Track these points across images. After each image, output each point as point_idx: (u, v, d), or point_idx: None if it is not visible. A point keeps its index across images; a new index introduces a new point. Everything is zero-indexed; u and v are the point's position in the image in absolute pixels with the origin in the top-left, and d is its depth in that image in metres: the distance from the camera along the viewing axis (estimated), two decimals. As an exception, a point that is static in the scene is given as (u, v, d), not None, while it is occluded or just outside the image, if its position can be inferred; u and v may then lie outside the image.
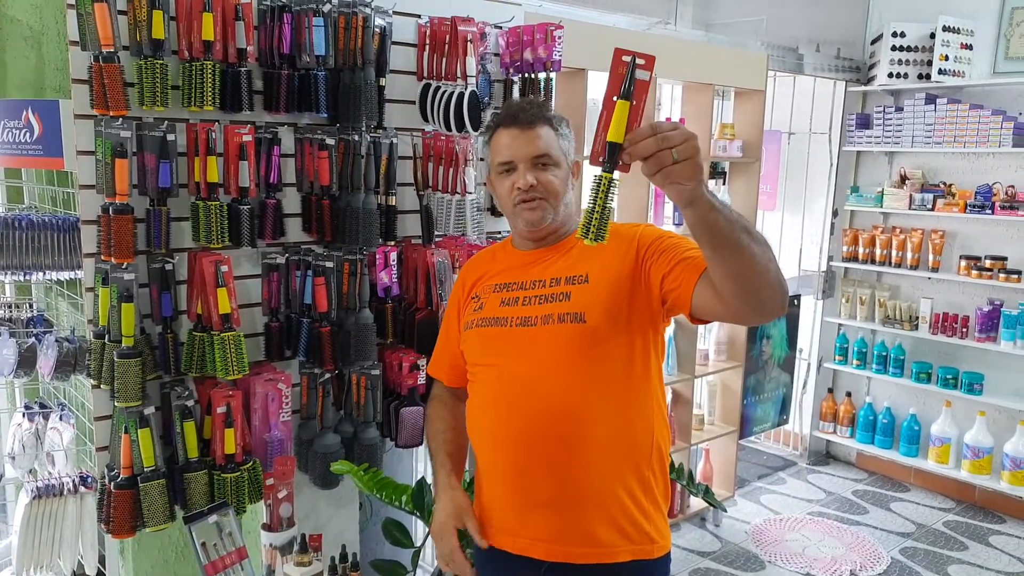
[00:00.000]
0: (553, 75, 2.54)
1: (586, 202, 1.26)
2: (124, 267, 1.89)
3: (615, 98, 1.25)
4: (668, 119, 3.58)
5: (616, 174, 1.24)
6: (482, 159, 1.90)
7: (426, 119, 2.39)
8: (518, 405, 1.57)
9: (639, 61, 1.27)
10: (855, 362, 4.78)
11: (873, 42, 4.61)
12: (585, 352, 1.53)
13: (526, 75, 2.51)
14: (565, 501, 1.55)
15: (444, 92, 2.33)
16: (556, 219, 1.64)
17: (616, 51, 1.29)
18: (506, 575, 1.64)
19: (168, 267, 2.00)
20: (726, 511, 4.14)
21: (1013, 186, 4.13)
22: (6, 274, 2.38)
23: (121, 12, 1.86)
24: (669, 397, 3.86)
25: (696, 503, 4.12)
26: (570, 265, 1.61)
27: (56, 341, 2.35)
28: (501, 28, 2.53)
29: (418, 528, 2.64)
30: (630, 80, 1.26)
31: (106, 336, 1.94)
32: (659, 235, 1.58)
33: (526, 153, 1.60)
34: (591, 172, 1.30)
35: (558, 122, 1.66)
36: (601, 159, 1.24)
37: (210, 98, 1.95)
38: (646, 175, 1.22)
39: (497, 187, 1.67)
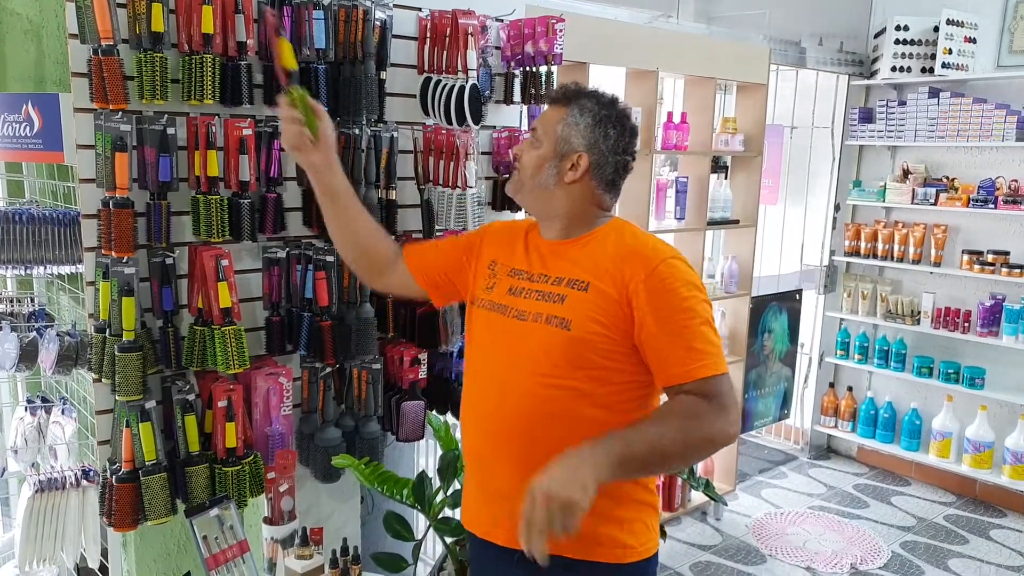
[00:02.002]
0: (554, 68, 2.53)
1: None
2: (125, 261, 1.89)
3: (277, 37, 1.67)
4: (670, 114, 3.56)
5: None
6: (486, 151, 1.90)
7: (427, 113, 2.38)
8: (492, 397, 1.60)
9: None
10: (857, 356, 4.78)
11: (876, 36, 4.59)
12: (563, 359, 1.52)
13: (527, 68, 2.51)
14: (519, 495, 1.53)
15: (445, 86, 2.32)
16: (530, 200, 1.66)
17: (267, 10, 1.90)
18: (485, 561, 1.71)
19: (169, 261, 1.99)
20: (727, 504, 4.14)
21: (1016, 180, 4.12)
22: (7, 268, 2.38)
23: (120, 5, 1.86)
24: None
25: (697, 497, 4.12)
26: (578, 267, 1.58)
27: (57, 335, 2.35)
28: (502, 21, 2.52)
29: (419, 521, 2.64)
30: (280, 25, 1.76)
31: (107, 330, 1.94)
32: (664, 313, 1.49)
33: (535, 125, 1.65)
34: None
35: (583, 110, 1.59)
36: (287, 81, 1.63)
37: (210, 92, 1.94)
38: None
39: None
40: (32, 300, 2.63)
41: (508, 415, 1.57)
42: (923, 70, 4.37)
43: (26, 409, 2.52)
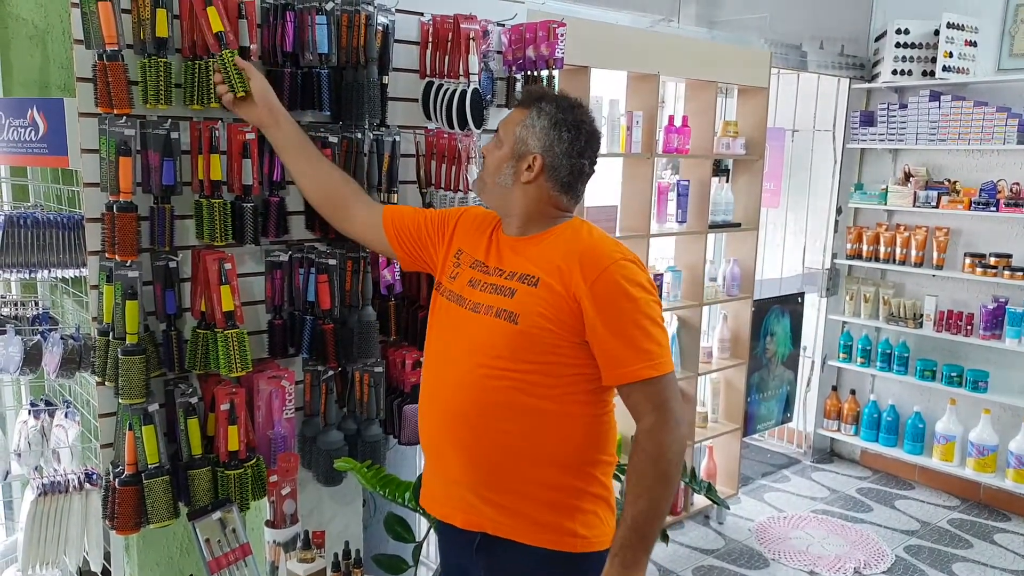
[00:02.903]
0: (556, 73, 2.54)
1: None
2: (128, 265, 1.90)
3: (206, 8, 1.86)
4: (671, 118, 3.58)
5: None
6: None
7: (429, 117, 2.39)
8: (444, 384, 1.69)
9: None
10: (859, 360, 4.78)
11: (877, 39, 4.60)
12: (507, 350, 1.59)
13: (529, 73, 2.51)
14: (473, 482, 1.65)
15: (447, 90, 2.33)
16: (491, 198, 1.74)
17: None
18: (448, 540, 1.81)
19: (172, 265, 2.00)
20: (728, 508, 4.14)
21: (1018, 183, 4.12)
22: (12, 272, 2.39)
23: (125, 11, 1.87)
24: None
25: (699, 501, 4.12)
26: (531, 263, 1.64)
27: (61, 339, 2.36)
28: (504, 26, 2.53)
29: (420, 524, 2.64)
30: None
31: (110, 333, 1.95)
32: (607, 315, 1.55)
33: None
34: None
35: (539, 113, 1.66)
36: (217, 45, 1.82)
37: (214, 95, 1.95)
38: None
39: None
40: (36, 304, 2.64)
41: (457, 403, 1.64)
42: (924, 73, 4.38)
43: (29, 412, 2.53)
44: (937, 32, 4.24)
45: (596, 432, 1.66)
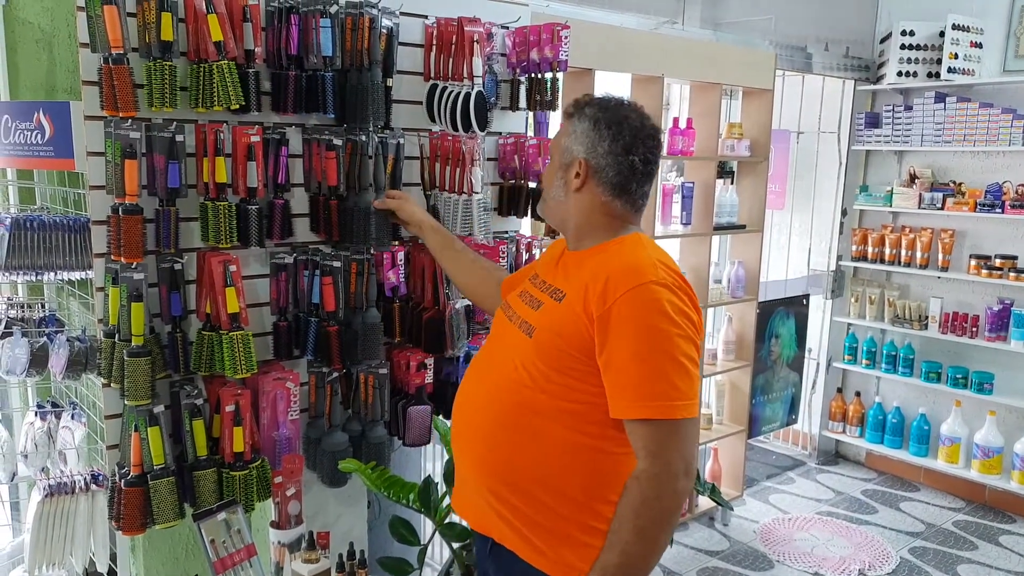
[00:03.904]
0: (560, 75, 2.55)
1: None
2: (134, 267, 1.91)
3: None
4: (676, 120, 3.58)
5: None
6: (492, 158, 1.95)
7: (433, 119, 2.40)
8: (474, 389, 1.70)
9: None
10: (864, 361, 4.77)
11: (882, 41, 4.60)
12: (523, 364, 1.55)
13: (533, 75, 2.52)
14: (485, 488, 1.64)
15: (451, 92, 2.34)
16: (550, 213, 1.71)
17: None
18: (475, 545, 1.83)
19: (177, 267, 2.01)
20: (732, 509, 4.14)
21: (1023, 185, 4.11)
22: (18, 274, 2.40)
23: (130, 14, 1.88)
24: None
25: (704, 502, 4.11)
26: (568, 277, 1.59)
27: (67, 340, 2.37)
28: (508, 28, 2.54)
29: (425, 526, 2.65)
30: None
31: (116, 335, 1.96)
32: (612, 339, 1.43)
33: None
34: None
35: (580, 117, 1.61)
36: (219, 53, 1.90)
37: (223, 98, 1.95)
38: None
39: None
40: (43, 306, 2.65)
41: (479, 410, 1.65)
42: (929, 75, 4.37)
43: (36, 414, 2.54)
44: (942, 33, 4.23)
45: (607, 470, 1.52)
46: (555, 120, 2.99)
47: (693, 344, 1.43)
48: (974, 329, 4.28)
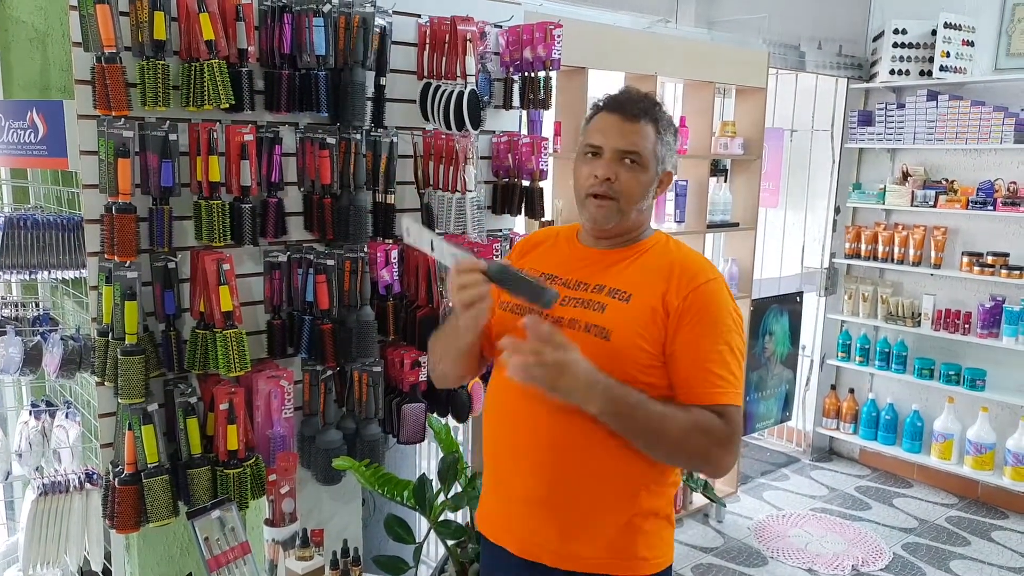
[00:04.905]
0: (553, 74, 2.56)
1: None
2: (127, 265, 1.92)
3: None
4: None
5: None
6: (485, 156, 1.86)
7: (426, 118, 2.40)
8: (528, 407, 1.53)
9: None
10: (858, 359, 4.79)
11: (875, 39, 4.61)
12: (601, 368, 1.45)
13: (526, 74, 2.53)
14: (553, 506, 1.53)
15: (444, 91, 2.34)
16: (624, 223, 1.55)
17: None
18: (496, 566, 1.64)
19: (171, 265, 2.02)
20: (725, 506, 4.15)
21: (1015, 182, 4.13)
22: (12, 273, 2.40)
23: (123, 13, 1.88)
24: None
25: (699, 499, 4.13)
26: (621, 277, 1.54)
27: (61, 339, 2.37)
28: (501, 27, 2.54)
29: (420, 524, 2.66)
30: None
31: (110, 334, 1.96)
32: (701, 327, 1.47)
33: (617, 144, 1.51)
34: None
35: (665, 126, 1.54)
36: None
37: (213, 97, 1.96)
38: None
39: (577, 170, 1.57)
40: (36, 305, 2.65)
41: (542, 421, 1.51)
42: (921, 73, 4.39)
43: (30, 413, 2.54)
44: (934, 32, 4.25)
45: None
46: (548, 119, 3.01)
47: (743, 340, 1.53)
48: (966, 326, 4.30)
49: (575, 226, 1.68)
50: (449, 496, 2.33)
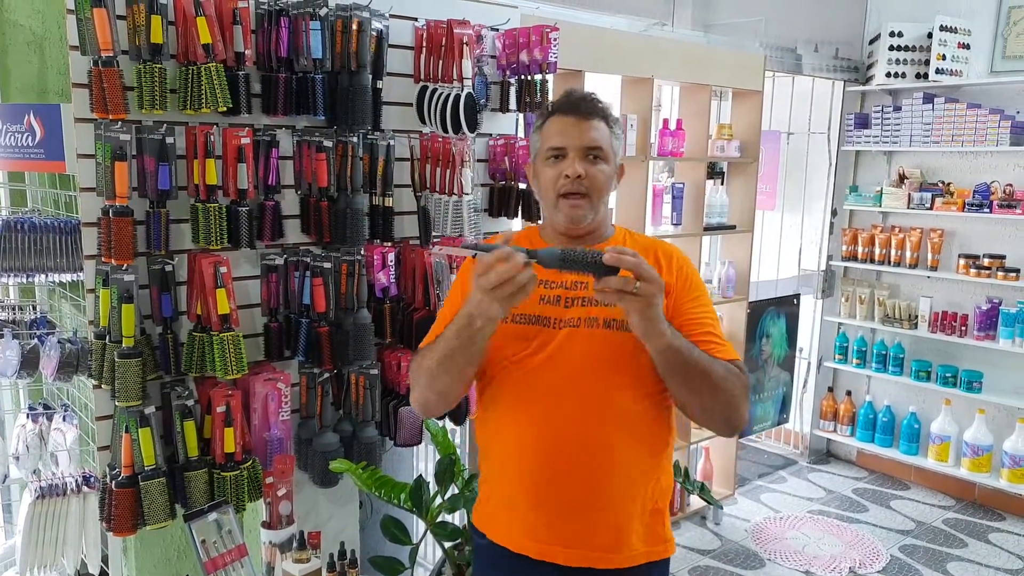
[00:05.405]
0: (549, 77, 2.56)
1: None
2: (124, 269, 1.92)
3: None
4: (665, 121, 3.59)
5: None
6: (482, 159, 1.87)
7: (423, 121, 2.41)
8: (553, 409, 1.52)
9: None
10: (855, 361, 4.79)
11: (871, 42, 4.62)
12: (627, 358, 1.50)
13: (522, 77, 2.54)
14: (594, 506, 1.53)
15: (441, 94, 2.35)
16: (596, 218, 1.59)
17: None
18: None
19: (168, 268, 2.02)
20: (722, 508, 4.16)
21: (1011, 184, 4.14)
22: (10, 276, 2.41)
23: (120, 17, 1.89)
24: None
25: (696, 501, 4.13)
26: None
27: (59, 342, 2.38)
28: (497, 30, 2.55)
29: (417, 526, 2.66)
30: None
31: (107, 337, 1.96)
32: (693, 295, 1.58)
33: (580, 143, 1.55)
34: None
35: (613, 120, 1.62)
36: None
37: (211, 100, 1.96)
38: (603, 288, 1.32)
39: (542, 175, 1.59)
40: (34, 308, 2.65)
41: (575, 423, 1.52)
42: (918, 76, 4.40)
43: (28, 416, 2.54)
44: (930, 35, 4.26)
45: (674, 426, 1.64)
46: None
47: None
48: (963, 328, 4.31)
49: (531, 231, 1.72)
50: (446, 498, 2.33)
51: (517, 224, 2.75)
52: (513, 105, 2.58)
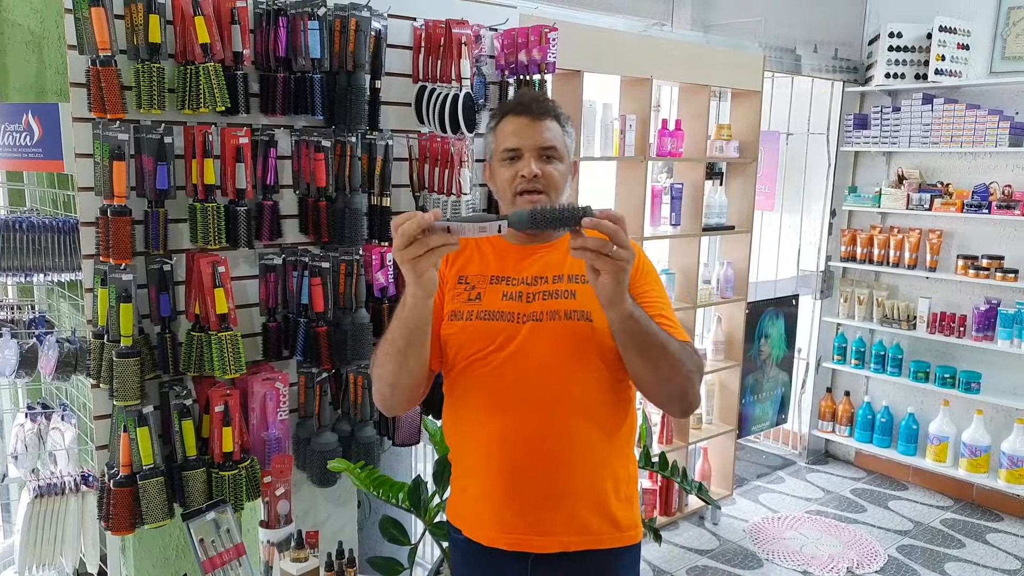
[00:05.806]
0: (548, 77, 2.56)
1: None
2: (123, 268, 1.92)
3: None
4: (664, 121, 3.59)
5: None
6: (480, 159, 1.88)
7: (422, 121, 2.41)
8: (522, 402, 1.56)
9: None
10: (853, 361, 4.80)
11: (870, 42, 4.63)
12: (591, 350, 1.55)
13: (521, 77, 2.54)
14: (562, 494, 1.58)
15: (439, 94, 2.35)
16: None
17: None
18: (491, 571, 1.65)
19: (166, 268, 2.02)
20: (720, 508, 4.16)
21: (1010, 185, 4.14)
22: (8, 276, 2.41)
23: (118, 16, 1.89)
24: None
25: (694, 501, 4.14)
26: (571, 263, 1.58)
27: (57, 342, 2.38)
28: (496, 30, 2.55)
29: (415, 526, 2.66)
30: None
31: (105, 336, 1.97)
32: (647, 279, 1.63)
33: (534, 143, 1.60)
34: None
35: (564, 119, 1.67)
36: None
37: (209, 100, 1.96)
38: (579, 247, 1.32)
39: (498, 175, 1.64)
40: (32, 307, 2.66)
41: (543, 416, 1.56)
42: (917, 76, 4.40)
43: (26, 415, 2.55)
44: (930, 35, 4.26)
45: (634, 411, 1.69)
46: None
47: None
48: (962, 329, 4.31)
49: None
50: (444, 498, 2.33)
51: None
52: (512, 105, 2.58)
